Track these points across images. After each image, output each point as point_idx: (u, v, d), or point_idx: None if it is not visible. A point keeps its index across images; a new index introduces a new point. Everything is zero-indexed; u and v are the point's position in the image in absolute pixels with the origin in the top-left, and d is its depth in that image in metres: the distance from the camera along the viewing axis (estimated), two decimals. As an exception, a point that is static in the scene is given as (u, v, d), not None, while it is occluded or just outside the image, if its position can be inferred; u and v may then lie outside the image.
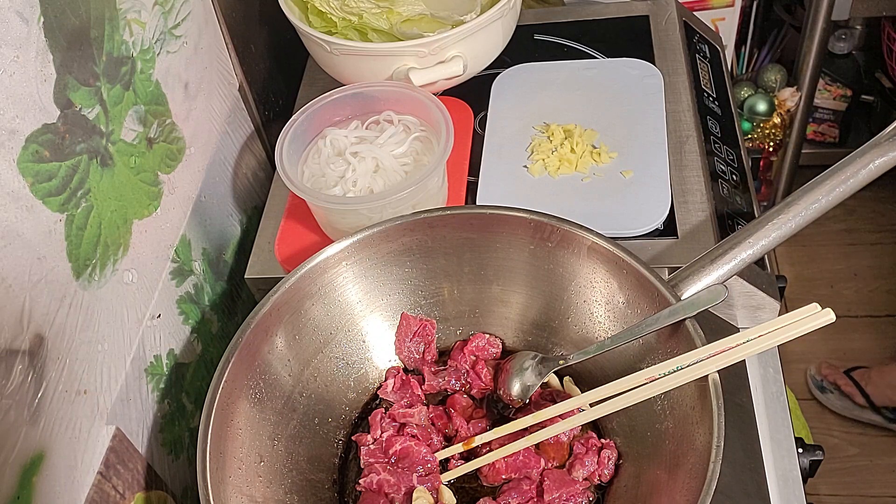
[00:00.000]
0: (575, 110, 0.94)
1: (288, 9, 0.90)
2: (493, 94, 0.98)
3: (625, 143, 0.89)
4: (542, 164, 0.89)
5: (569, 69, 0.99)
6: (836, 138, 2.02)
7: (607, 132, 0.91)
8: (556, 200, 0.85)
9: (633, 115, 0.92)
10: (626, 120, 0.92)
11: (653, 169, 0.86)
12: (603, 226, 0.78)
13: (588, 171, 0.88)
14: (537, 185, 0.87)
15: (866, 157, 0.65)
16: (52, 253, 0.59)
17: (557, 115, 0.93)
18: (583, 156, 0.88)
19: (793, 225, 0.66)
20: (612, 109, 0.93)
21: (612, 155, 0.88)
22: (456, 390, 0.77)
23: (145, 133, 0.73)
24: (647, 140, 0.89)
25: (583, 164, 0.88)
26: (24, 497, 0.55)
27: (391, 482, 0.69)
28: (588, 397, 0.66)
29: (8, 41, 0.54)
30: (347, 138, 0.83)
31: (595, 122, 0.92)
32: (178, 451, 0.76)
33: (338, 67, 0.90)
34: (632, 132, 0.90)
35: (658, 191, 0.84)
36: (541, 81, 0.98)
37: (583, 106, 0.94)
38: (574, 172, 0.88)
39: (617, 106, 0.94)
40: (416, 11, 0.89)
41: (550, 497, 0.68)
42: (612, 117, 0.93)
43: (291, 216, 0.88)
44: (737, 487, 0.70)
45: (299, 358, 0.74)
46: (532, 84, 0.99)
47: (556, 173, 0.88)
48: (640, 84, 0.95)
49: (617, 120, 0.92)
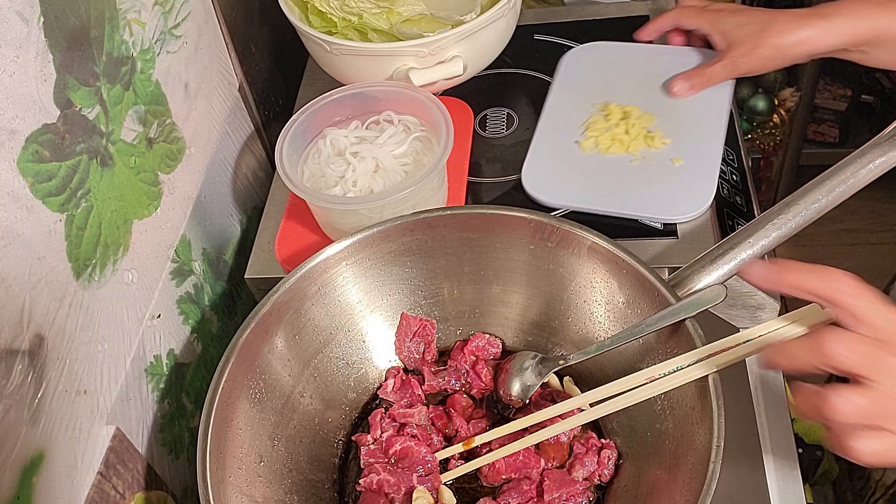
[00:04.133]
0: (637, 93, 0.93)
1: (288, 9, 0.90)
2: (560, 70, 0.99)
3: (681, 131, 0.88)
4: (594, 140, 0.88)
5: (640, 52, 0.99)
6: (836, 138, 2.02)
7: (666, 118, 0.90)
8: (599, 176, 0.86)
9: (695, 104, 0.91)
10: (687, 108, 0.91)
11: (703, 160, 0.85)
12: (639, 209, 0.82)
13: (639, 154, 0.87)
14: (585, 160, 0.88)
15: (866, 157, 0.65)
16: (52, 253, 0.59)
17: (619, 96, 0.93)
18: (636, 138, 0.88)
19: (793, 225, 0.66)
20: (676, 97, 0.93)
21: (665, 141, 0.88)
22: (456, 390, 0.77)
23: (145, 133, 0.73)
24: (704, 130, 0.88)
25: (635, 146, 0.87)
26: (24, 497, 0.55)
27: (391, 482, 0.69)
28: (588, 397, 0.66)
29: (8, 41, 0.54)
30: (347, 138, 0.83)
31: (655, 106, 0.91)
32: (178, 451, 0.76)
33: (338, 67, 0.90)
34: (690, 121, 0.89)
35: (704, 182, 0.83)
36: (609, 61, 0.98)
37: (646, 89, 0.93)
38: (625, 153, 0.87)
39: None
40: (416, 11, 0.89)
41: (550, 497, 0.68)
42: (674, 104, 0.92)
43: (291, 216, 0.88)
44: (737, 487, 0.70)
45: (299, 358, 0.74)
46: (600, 63, 0.98)
47: (607, 151, 0.87)
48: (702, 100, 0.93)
49: (678, 107, 0.91)
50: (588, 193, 0.85)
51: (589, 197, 0.84)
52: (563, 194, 0.85)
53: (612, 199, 0.84)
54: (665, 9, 1.06)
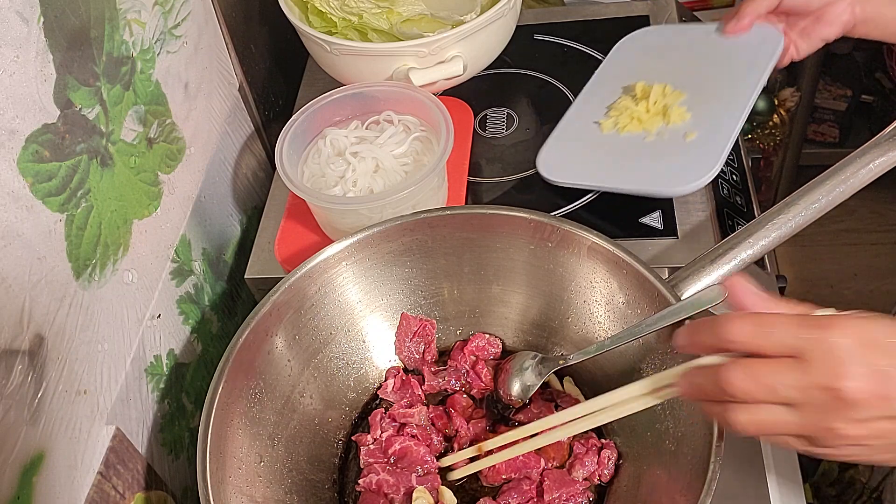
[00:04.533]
0: (676, 71, 0.91)
1: (288, 9, 0.90)
2: (612, 55, 0.98)
3: (704, 106, 0.86)
4: (615, 120, 0.88)
5: (697, 31, 0.96)
6: (836, 138, 2.02)
7: (695, 94, 0.88)
8: (610, 154, 0.85)
9: (727, 80, 0.88)
10: (719, 84, 0.88)
11: (716, 134, 0.82)
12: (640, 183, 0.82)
13: (655, 131, 0.86)
14: (600, 140, 0.87)
15: (866, 157, 0.65)
16: (52, 253, 0.59)
17: (656, 76, 0.91)
18: (654, 115, 0.87)
19: (793, 225, 0.66)
20: (712, 73, 0.89)
21: (685, 116, 0.86)
22: (456, 390, 0.77)
23: (145, 133, 0.73)
24: (727, 105, 0.85)
25: (652, 123, 0.86)
26: (24, 497, 0.55)
27: (391, 482, 0.69)
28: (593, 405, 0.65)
29: (8, 41, 0.54)
30: (347, 138, 0.83)
31: (688, 83, 0.89)
32: (178, 451, 0.76)
33: (338, 67, 0.90)
34: (717, 96, 0.87)
35: (710, 155, 0.81)
36: (665, 45, 0.97)
37: (686, 67, 0.91)
38: (641, 131, 0.86)
39: (717, 69, 0.90)
40: (416, 11, 0.89)
41: (550, 497, 0.68)
42: (707, 80, 0.89)
43: (291, 216, 0.88)
44: (737, 487, 0.70)
45: (299, 358, 0.74)
46: (655, 47, 0.97)
47: (624, 130, 0.87)
48: (753, 49, 0.90)
49: (710, 83, 0.88)
50: (593, 170, 0.85)
51: (594, 174, 0.85)
52: (571, 172, 0.86)
53: (615, 175, 0.83)
54: (665, 8, 1.06)
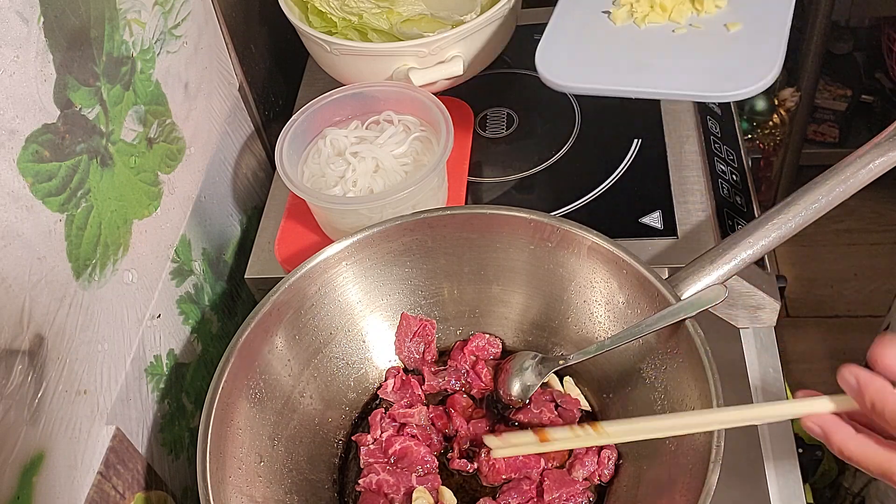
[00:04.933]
0: None
1: (288, 9, 0.90)
2: None
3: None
4: (629, 9, 0.74)
5: None
6: (836, 138, 2.02)
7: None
8: (633, 51, 0.71)
9: None
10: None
11: (768, 22, 0.69)
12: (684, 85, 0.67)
13: (684, 22, 0.72)
14: (617, 34, 0.73)
15: (866, 157, 0.65)
16: (52, 253, 0.59)
17: None
18: (682, 2, 0.73)
19: (793, 225, 0.66)
20: None
21: (718, 4, 0.73)
22: (456, 390, 0.77)
23: (145, 133, 0.73)
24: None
25: (679, 13, 0.72)
26: (24, 497, 0.55)
27: (391, 482, 0.69)
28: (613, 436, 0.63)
29: (8, 41, 0.54)
30: (347, 138, 0.83)
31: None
32: (178, 451, 0.76)
33: (338, 67, 0.90)
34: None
35: (768, 47, 0.67)
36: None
37: None
38: (666, 22, 0.73)
39: None
40: (416, 11, 0.89)
41: (550, 497, 0.68)
42: None
43: (291, 216, 0.88)
44: (737, 487, 0.70)
45: (299, 358, 0.74)
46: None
47: (643, 22, 0.73)
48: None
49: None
50: (618, 71, 0.70)
51: (618, 75, 0.69)
52: (586, 74, 0.71)
53: (648, 76, 0.69)
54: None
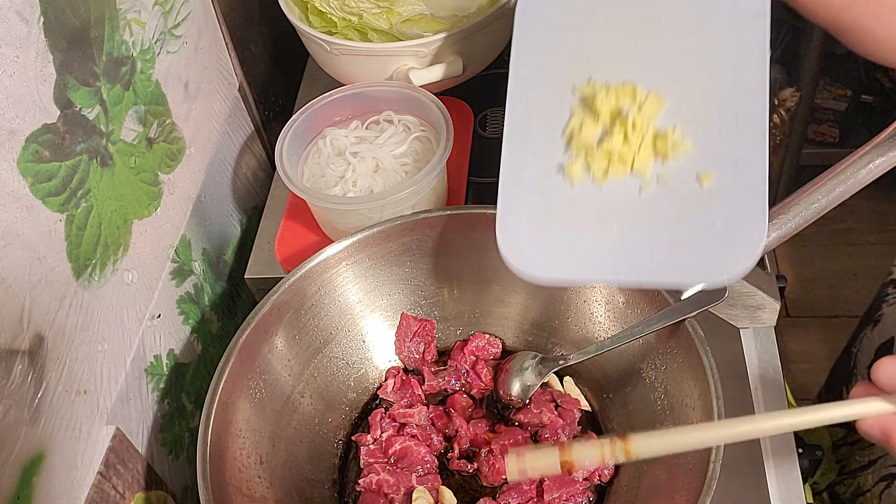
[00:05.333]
0: (631, 52, 0.59)
1: (288, 9, 0.90)
2: (518, 24, 0.62)
3: (701, 119, 0.57)
4: (584, 161, 0.57)
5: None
6: (836, 138, 2.02)
7: (677, 96, 0.57)
8: (602, 224, 0.56)
9: (714, 60, 0.58)
10: (705, 70, 0.58)
11: (743, 168, 0.55)
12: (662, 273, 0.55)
13: (650, 174, 0.56)
14: (577, 198, 0.57)
15: (866, 157, 0.65)
16: (52, 253, 0.59)
17: (607, 65, 0.59)
18: (643, 146, 0.57)
19: (793, 225, 0.66)
20: (686, 50, 0.58)
21: (684, 144, 0.56)
22: (456, 390, 0.77)
23: (145, 133, 0.73)
24: (735, 110, 0.56)
25: (642, 163, 0.56)
26: (24, 497, 0.55)
27: (391, 482, 0.69)
28: None
29: (8, 41, 0.54)
30: (347, 138, 0.83)
31: (660, 75, 0.58)
32: (178, 451, 0.76)
33: (338, 67, 0.90)
34: (712, 95, 0.57)
35: (749, 214, 0.54)
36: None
37: (643, 43, 0.59)
38: (629, 176, 0.57)
39: (693, 41, 0.58)
40: (416, 11, 0.89)
41: (550, 497, 0.68)
42: (685, 66, 0.58)
43: (291, 216, 0.88)
44: (737, 487, 0.70)
45: (299, 358, 0.74)
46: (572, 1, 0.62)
47: (604, 178, 0.57)
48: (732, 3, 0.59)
49: (691, 72, 0.58)
50: (588, 255, 0.56)
51: (589, 261, 0.56)
52: (555, 261, 0.57)
53: (623, 263, 0.55)
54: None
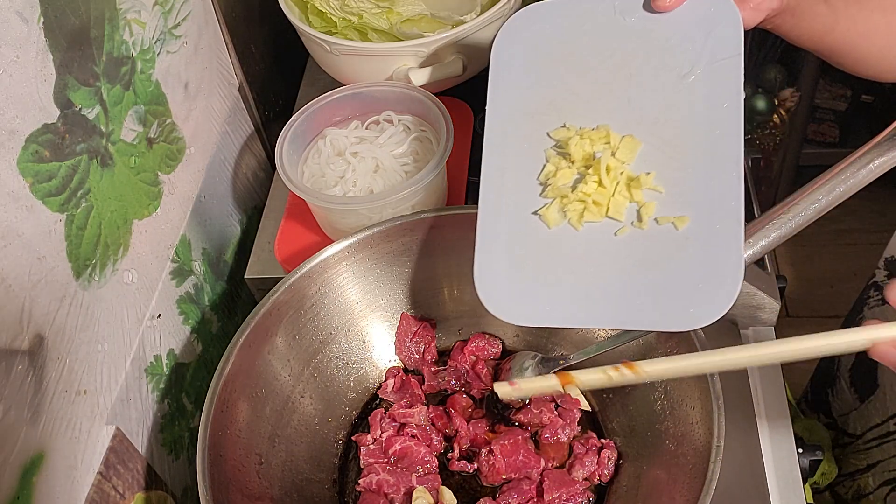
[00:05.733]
0: (605, 96, 0.61)
1: (288, 9, 0.90)
2: (493, 69, 0.64)
3: (676, 162, 0.58)
4: (560, 205, 0.60)
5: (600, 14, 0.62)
6: (836, 138, 2.02)
7: (652, 139, 0.59)
8: (578, 268, 0.58)
9: (688, 101, 0.58)
10: (680, 112, 0.58)
11: (718, 212, 0.56)
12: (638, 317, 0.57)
13: (625, 218, 0.58)
14: (554, 242, 0.59)
15: (866, 157, 0.65)
16: (52, 253, 0.59)
17: (581, 109, 0.61)
18: (617, 190, 0.59)
19: (793, 225, 0.66)
20: (660, 93, 0.59)
21: (658, 189, 0.58)
22: (456, 390, 0.77)
23: (145, 133, 0.73)
24: (710, 152, 0.57)
25: (616, 206, 0.58)
26: (24, 497, 0.55)
27: (391, 482, 0.69)
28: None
29: (8, 41, 0.54)
30: (347, 138, 0.83)
31: (634, 118, 0.60)
32: (178, 451, 0.76)
33: (338, 67, 0.90)
34: (687, 137, 0.58)
35: (724, 256, 0.55)
36: (560, 38, 0.63)
37: (616, 86, 0.61)
38: (604, 219, 0.59)
39: (666, 83, 0.59)
40: (416, 11, 0.89)
41: (550, 497, 0.68)
42: (659, 109, 0.59)
43: (291, 216, 0.88)
44: (737, 487, 0.70)
45: (299, 358, 0.74)
46: (548, 43, 0.63)
47: (580, 222, 0.59)
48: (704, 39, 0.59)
49: (666, 114, 0.59)
50: (566, 298, 0.58)
51: (567, 305, 0.58)
52: (533, 305, 0.59)
53: (600, 307, 0.57)
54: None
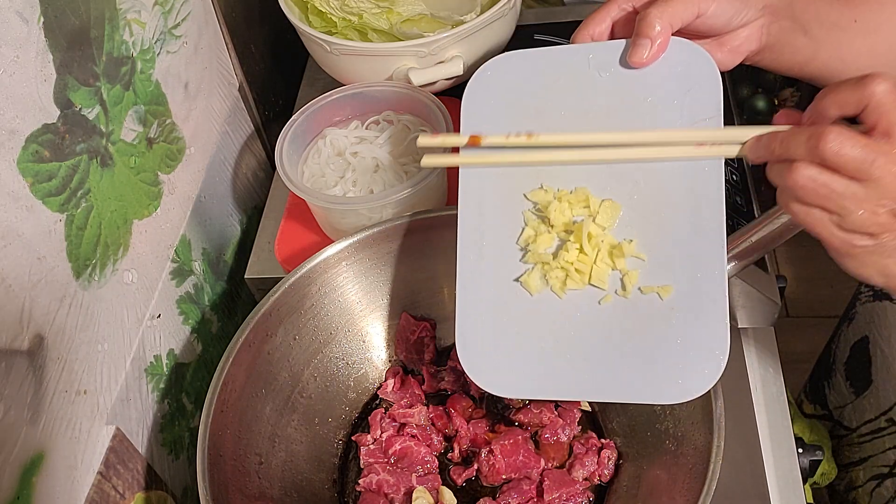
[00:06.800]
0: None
1: (288, 9, 0.90)
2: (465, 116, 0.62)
3: (658, 227, 0.57)
4: (541, 271, 0.60)
5: (576, 67, 0.60)
6: (836, 138, 2.02)
7: (632, 203, 0.58)
8: (562, 338, 0.59)
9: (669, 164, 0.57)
10: (660, 175, 0.57)
11: (703, 281, 0.55)
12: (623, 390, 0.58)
13: (608, 285, 0.58)
14: (536, 309, 0.60)
15: (866, 157, 0.65)
16: (52, 253, 0.59)
17: (557, 169, 0.60)
18: (598, 258, 0.58)
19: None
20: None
21: (641, 256, 0.58)
22: (456, 390, 0.77)
23: (145, 133, 0.73)
24: (692, 217, 0.56)
25: (599, 273, 0.58)
26: (24, 497, 0.55)
27: (391, 482, 0.69)
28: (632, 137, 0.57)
29: (8, 41, 0.54)
30: (347, 138, 0.83)
31: (613, 179, 0.58)
32: (178, 451, 0.77)
33: (338, 67, 0.90)
34: (668, 200, 0.57)
35: (711, 326, 0.55)
36: (534, 91, 0.61)
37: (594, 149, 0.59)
38: (587, 286, 0.59)
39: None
40: (416, 11, 0.89)
41: (550, 497, 0.68)
42: (638, 169, 0.58)
43: (291, 216, 0.88)
44: (737, 487, 0.70)
45: (299, 358, 0.74)
46: (521, 95, 0.61)
47: (563, 289, 0.59)
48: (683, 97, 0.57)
49: (643, 176, 0.58)
50: (551, 372, 0.59)
51: (553, 379, 0.59)
52: (517, 378, 0.60)
53: (586, 381, 0.58)
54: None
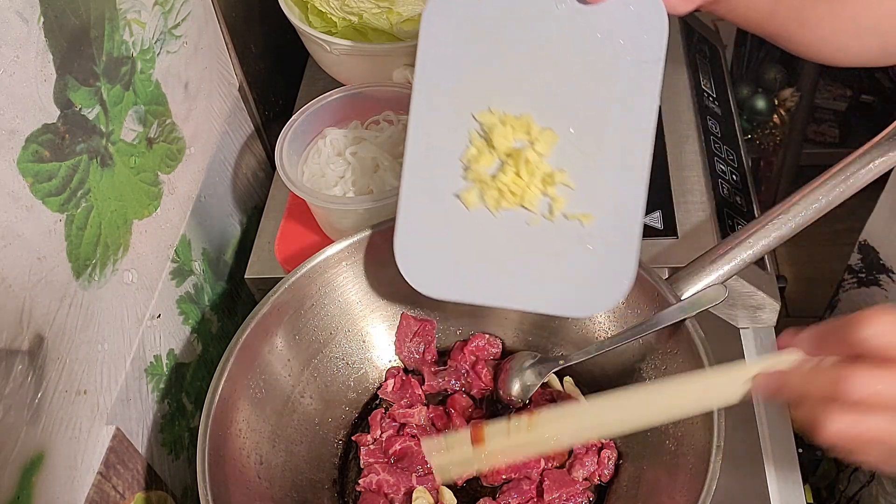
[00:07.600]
0: (532, 85, 0.61)
1: (288, 9, 0.90)
2: (422, 44, 0.62)
3: (589, 159, 0.61)
4: (480, 189, 0.63)
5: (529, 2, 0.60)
6: (836, 138, 2.02)
7: (570, 133, 0.61)
8: (491, 250, 0.63)
9: (606, 100, 0.60)
10: (599, 111, 0.60)
11: (621, 214, 0.61)
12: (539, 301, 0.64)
13: (538, 210, 0.62)
14: (471, 223, 0.63)
15: (866, 157, 0.65)
16: (52, 253, 0.59)
17: (506, 93, 0.61)
18: (532, 183, 0.62)
19: (793, 225, 0.66)
20: (583, 89, 0.60)
21: (570, 185, 0.61)
22: (456, 390, 0.77)
23: (145, 133, 0.73)
24: (621, 154, 0.61)
25: (531, 197, 0.62)
26: (24, 497, 0.55)
27: (391, 482, 0.69)
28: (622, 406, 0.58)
29: (8, 41, 0.54)
30: (347, 138, 0.83)
31: (556, 109, 0.61)
32: (178, 451, 0.76)
33: (338, 67, 0.90)
34: (602, 136, 0.61)
35: (622, 255, 0.61)
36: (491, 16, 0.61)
37: (542, 74, 0.61)
38: (519, 207, 0.63)
39: (589, 78, 0.60)
40: (416, 11, 0.89)
41: (550, 497, 0.68)
42: (581, 105, 0.61)
43: (291, 216, 0.88)
44: (737, 487, 0.70)
45: (299, 358, 0.74)
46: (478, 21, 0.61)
47: (497, 208, 0.63)
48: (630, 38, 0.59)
49: (586, 111, 0.61)
50: (478, 279, 0.64)
51: (478, 285, 0.64)
52: (448, 281, 0.64)
53: (507, 288, 0.64)
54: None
